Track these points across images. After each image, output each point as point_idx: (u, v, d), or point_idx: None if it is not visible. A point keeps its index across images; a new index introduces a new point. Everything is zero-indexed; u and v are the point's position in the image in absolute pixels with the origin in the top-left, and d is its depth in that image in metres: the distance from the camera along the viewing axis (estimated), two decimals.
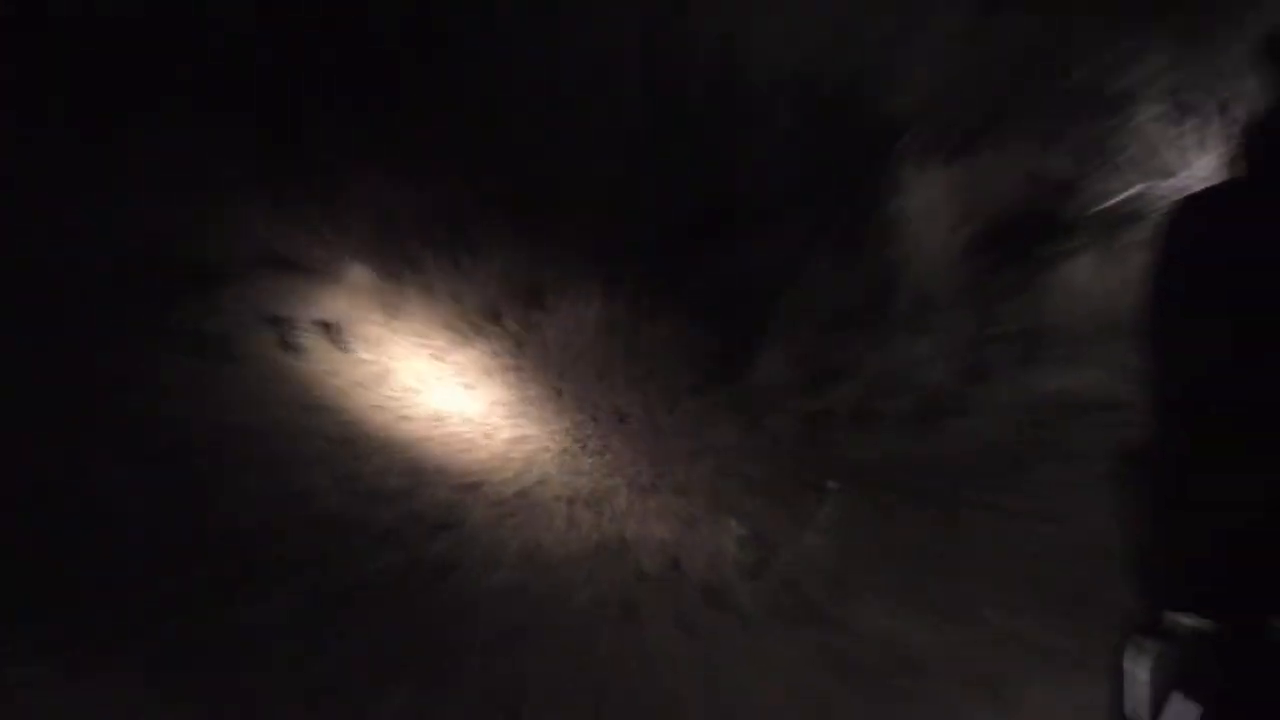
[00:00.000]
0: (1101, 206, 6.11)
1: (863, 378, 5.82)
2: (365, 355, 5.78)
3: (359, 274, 5.07)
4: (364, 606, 4.24)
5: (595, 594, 4.49)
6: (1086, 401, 5.14)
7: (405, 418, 5.38)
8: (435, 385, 5.66)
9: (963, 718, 3.65)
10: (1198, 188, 2.24)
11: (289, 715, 4.09)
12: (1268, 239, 1.64)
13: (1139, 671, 1.50)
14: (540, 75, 6.54)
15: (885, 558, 4.68)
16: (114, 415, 4.57)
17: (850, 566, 4.69)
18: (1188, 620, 1.42)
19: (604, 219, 6.76)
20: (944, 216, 6.22)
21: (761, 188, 6.87)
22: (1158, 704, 1.45)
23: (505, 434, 5.27)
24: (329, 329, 5.32)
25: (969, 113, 6.60)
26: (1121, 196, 6.14)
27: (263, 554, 4.31)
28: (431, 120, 5.84)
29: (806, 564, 4.61)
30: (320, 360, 5.70)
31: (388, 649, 4.03)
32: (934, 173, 6.36)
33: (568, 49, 6.42)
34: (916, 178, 6.45)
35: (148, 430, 4.48)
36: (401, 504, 4.86)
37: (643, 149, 7.02)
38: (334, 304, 5.11)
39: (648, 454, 5.20)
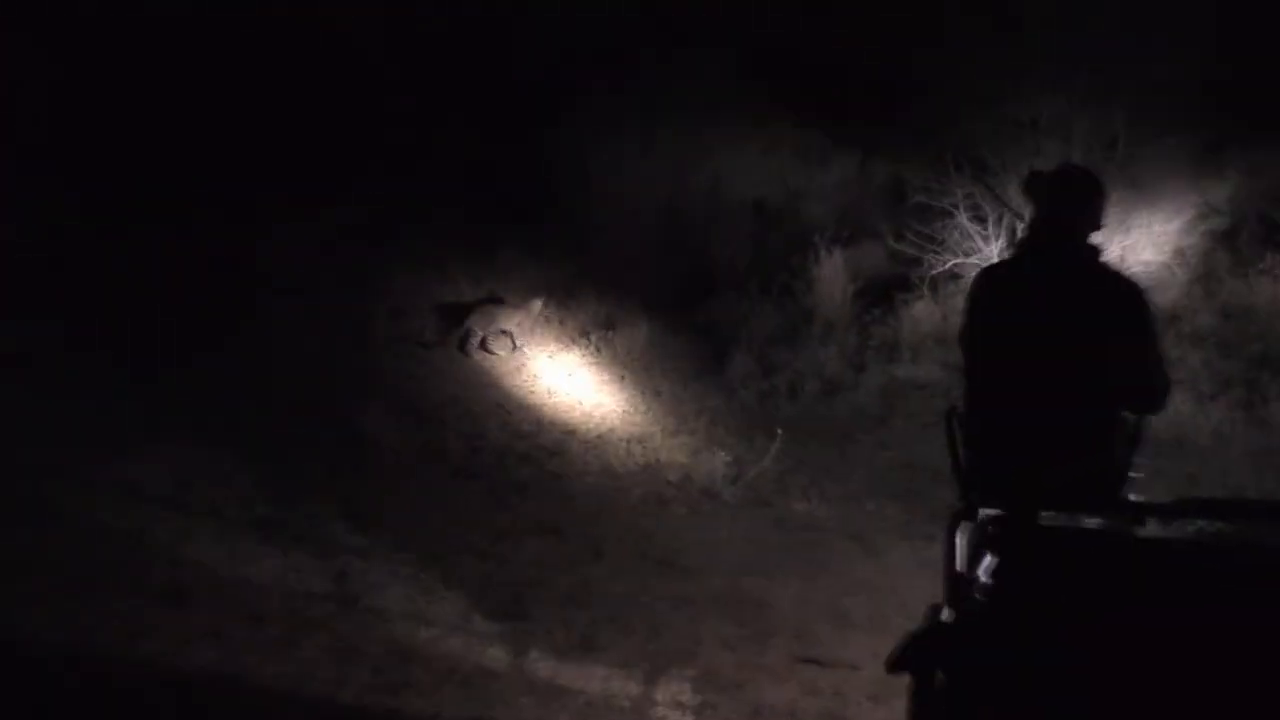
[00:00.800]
0: (934, 272, 5.80)
1: (793, 370, 5.78)
2: (508, 356, 5.73)
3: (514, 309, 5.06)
4: (510, 493, 4.26)
5: (643, 492, 4.48)
6: (923, 383, 4.76)
7: (533, 391, 5.41)
8: (549, 374, 5.65)
9: (849, 561, 3.54)
10: (989, 262, 2.59)
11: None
12: (1025, 289, 1.68)
13: (962, 541, 1.45)
14: (609, 209, 6.50)
15: (806, 472, 4.64)
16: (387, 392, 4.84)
17: (787, 477, 4.59)
18: (989, 511, 1.38)
19: (646, 283, 6.58)
20: (840, 279, 6.28)
21: (735, 264, 6.64)
22: (973, 560, 1.40)
23: (589, 403, 5.37)
24: (506, 336, 5.82)
25: (855, 219, 6.21)
26: (945, 266, 5.84)
27: (464, 464, 4.16)
28: (554, 236, 5.65)
29: (763, 476, 4.51)
30: (487, 360, 5.69)
31: (523, 519, 3.90)
32: (834, 254, 6.45)
33: (625, 198, 6.46)
34: (825, 257, 6.45)
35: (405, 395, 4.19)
36: (531, 440, 4.75)
37: (667, 244, 6.91)
38: (508, 322, 4.89)
39: (673, 413, 5.39)
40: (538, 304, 5.86)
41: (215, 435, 3.76)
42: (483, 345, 5.52)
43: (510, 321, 5.63)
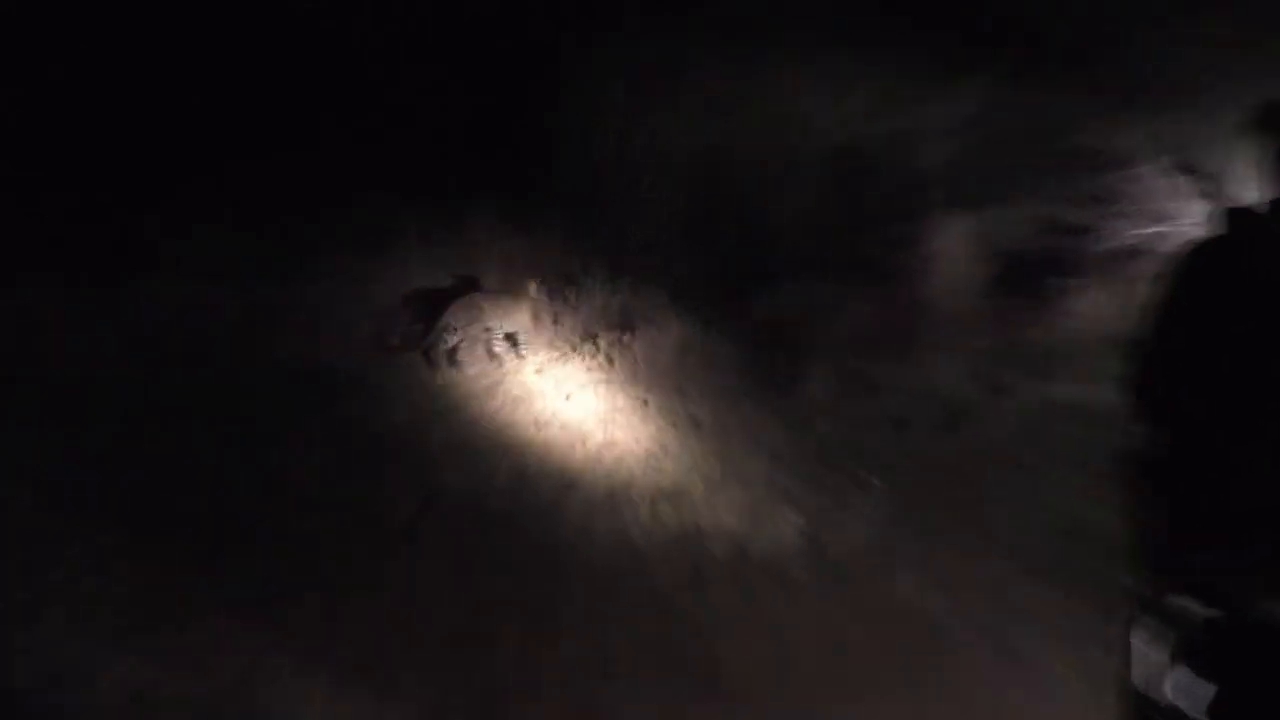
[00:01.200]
0: (1106, 247, 6.08)
1: (897, 390, 5.77)
2: (476, 369, 5.96)
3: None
4: (479, 572, 4.34)
5: (674, 572, 4.54)
6: (1088, 410, 5.14)
7: (514, 422, 5.55)
8: (538, 396, 5.80)
9: (983, 677, 3.48)
10: (1194, 233, 2.19)
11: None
12: (1259, 277, 1.64)
13: (1146, 648, 1.43)
14: (628, 163, 6.61)
15: (917, 542, 4.58)
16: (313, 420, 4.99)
17: (888, 549, 4.57)
18: (1188, 602, 1.36)
19: (679, 264, 6.64)
20: (966, 257, 6.13)
21: (809, 236, 6.60)
22: (1160, 675, 1.38)
23: (596, 439, 5.46)
24: (478, 340, 5.94)
25: (988, 170, 6.72)
26: (1124, 239, 5.72)
27: (415, 528, 4.55)
28: (550, 200, 6.78)
29: (852, 547, 4.55)
30: (452, 374, 5.88)
31: (496, 612, 4.14)
32: (957, 221, 6.17)
33: (650, 146, 6.56)
34: (943, 226, 6.21)
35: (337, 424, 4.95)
36: (512, 495, 4.80)
37: (710, 210, 6.71)
38: (479, 320, 5.08)
39: (718, 455, 5.41)
40: (527, 294, 6.04)
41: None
42: (452, 354, 5.72)
43: (485, 319, 5.83)
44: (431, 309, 6.05)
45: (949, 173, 6.20)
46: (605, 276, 6.52)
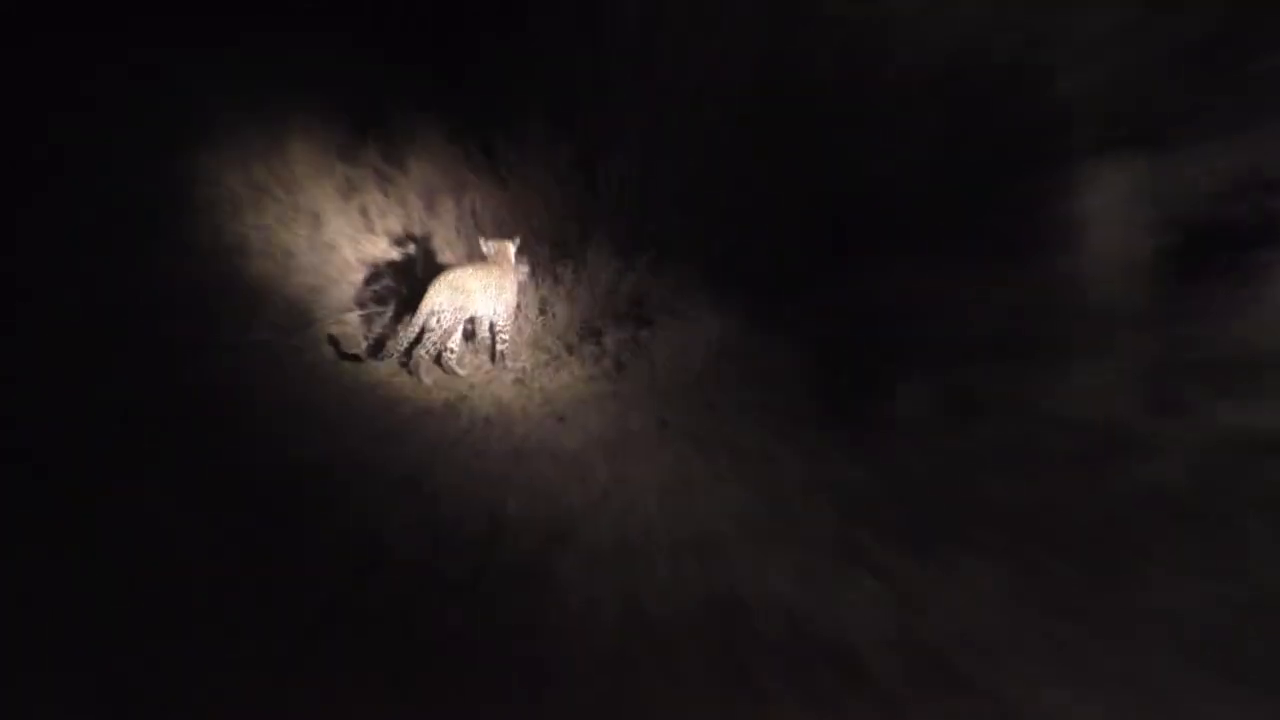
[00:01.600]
0: None
1: (1023, 410, 5.69)
2: (433, 378, 6.26)
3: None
4: (433, 666, 4.20)
5: (708, 665, 4.31)
6: None
7: (480, 454, 5.59)
8: (517, 413, 6.01)
9: None
10: None
11: None
12: None
13: None
14: (645, 85, 6.87)
15: (1046, 620, 4.49)
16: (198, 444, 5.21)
17: (1005, 631, 4.45)
18: None
19: (717, 230, 6.95)
20: (1125, 222, 6.05)
21: (901, 192, 6.76)
22: None
23: (599, 475, 5.49)
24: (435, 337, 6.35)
25: (1155, 101, 6.55)
26: None
27: (342, 604, 4.44)
28: (535, 138, 6.33)
29: (952, 627, 4.41)
30: (388, 382, 6.19)
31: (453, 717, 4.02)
32: (1114, 172, 6.15)
33: (678, 62, 6.79)
34: (1094, 178, 6.21)
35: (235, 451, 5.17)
36: (477, 551, 4.78)
37: (761, 153, 7.15)
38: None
39: (764, 494, 5.40)
40: (501, 267, 6.26)
41: None
42: (404, 357, 6.13)
43: (444, 306, 6.07)
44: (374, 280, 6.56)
45: (1099, 104, 6.12)
46: (614, 248, 6.75)
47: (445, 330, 6.06)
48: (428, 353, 6.12)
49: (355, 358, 6.07)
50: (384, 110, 7.59)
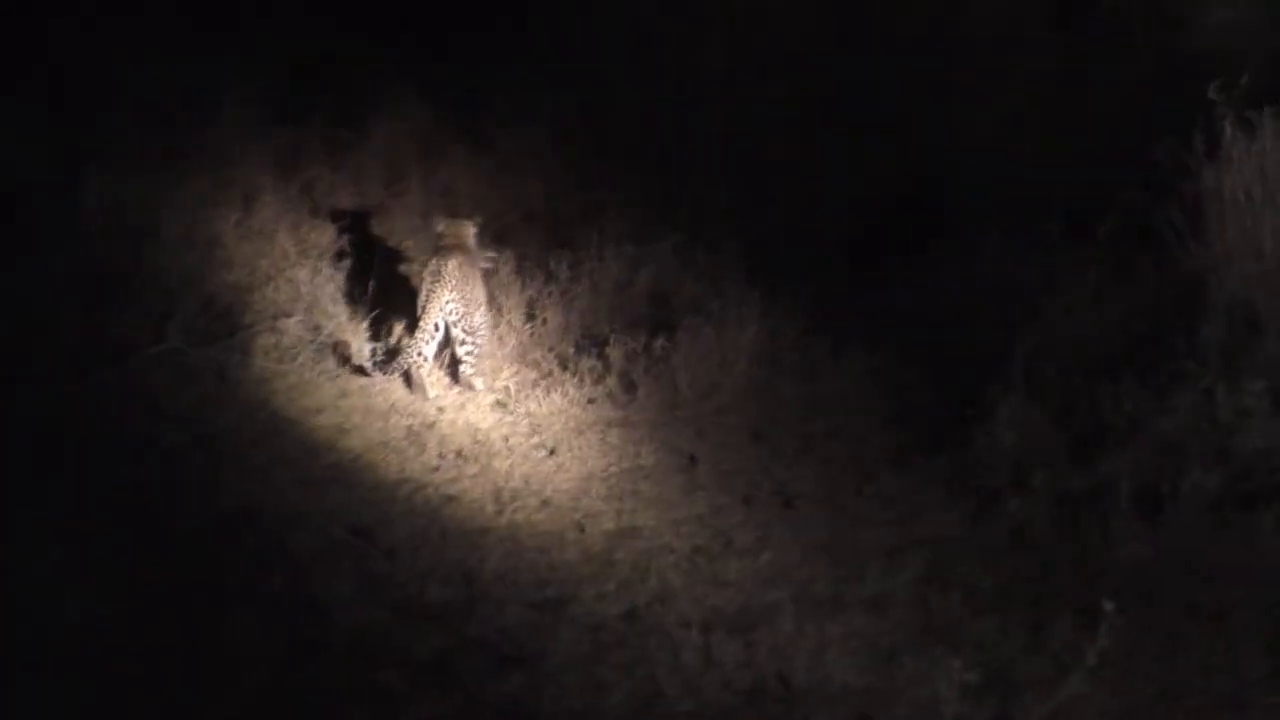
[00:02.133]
0: None
1: (1149, 437, 5.59)
2: (396, 400, 6.14)
3: None
4: None
5: None
6: None
7: (452, 497, 5.54)
8: (497, 445, 5.94)
9: None
10: None
11: None
12: None
13: None
14: (659, 26, 6.85)
15: (1186, 708, 4.38)
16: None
17: None
18: None
19: (765, 205, 6.95)
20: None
21: (1001, 160, 6.81)
22: None
23: (606, 524, 5.42)
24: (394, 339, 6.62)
25: None
26: None
27: (275, 687, 4.38)
28: (527, 91, 6.29)
29: None
30: (335, 406, 6.06)
31: None
32: (1263, 136, 6.02)
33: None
34: (1238, 144, 6.00)
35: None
36: (450, 623, 4.75)
37: (824, 104, 7.12)
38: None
39: (826, 553, 5.30)
40: (469, 253, 6.23)
41: None
42: (354, 362, 6.14)
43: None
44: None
45: (1249, 56, 6.14)
46: (626, 229, 6.70)
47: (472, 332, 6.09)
48: (440, 360, 6.18)
49: (362, 371, 6.09)
50: (336, 57, 7.64)
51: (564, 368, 6.29)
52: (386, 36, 7.73)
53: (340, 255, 6.86)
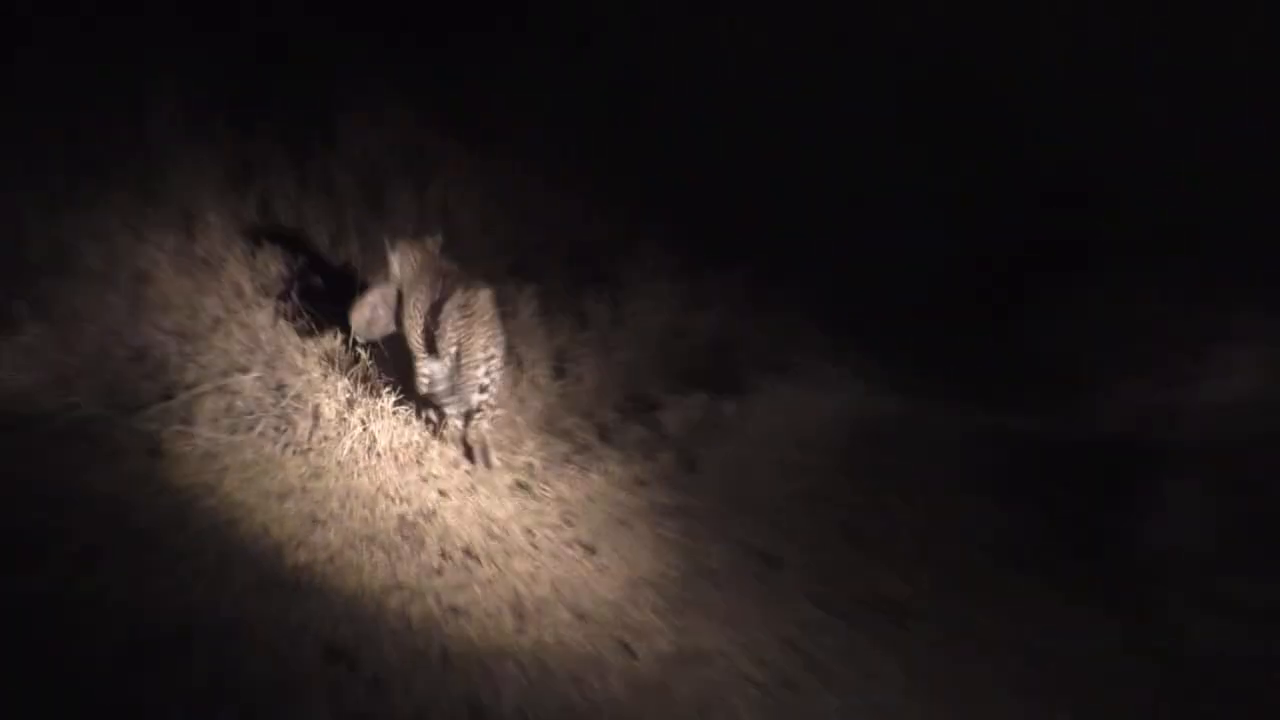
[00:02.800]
0: None
1: None
2: (384, 481, 6.08)
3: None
4: None
5: None
6: None
7: (458, 609, 5.44)
8: (520, 544, 5.88)
9: None
10: None
11: None
12: None
13: None
14: None
15: None
16: None
17: None
18: None
19: (860, 234, 7.11)
20: None
21: (1158, 176, 6.82)
22: None
23: (662, 645, 5.38)
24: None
25: None
26: None
27: None
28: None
29: None
30: (307, 490, 5.93)
31: None
32: None
33: None
34: None
35: None
36: None
37: (935, 110, 7.30)
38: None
39: (950, 691, 5.28)
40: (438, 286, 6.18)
41: None
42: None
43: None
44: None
45: None
46: (676, 261, 6.79)
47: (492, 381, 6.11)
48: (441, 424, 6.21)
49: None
50: (295, 44, 7.62)
51: (604, 439, 6.22)
52: (359, 20, 7.74)
53: (309, 292, 6.71)
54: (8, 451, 5.50)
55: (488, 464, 6.16)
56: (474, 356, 5.99)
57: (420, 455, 6.08)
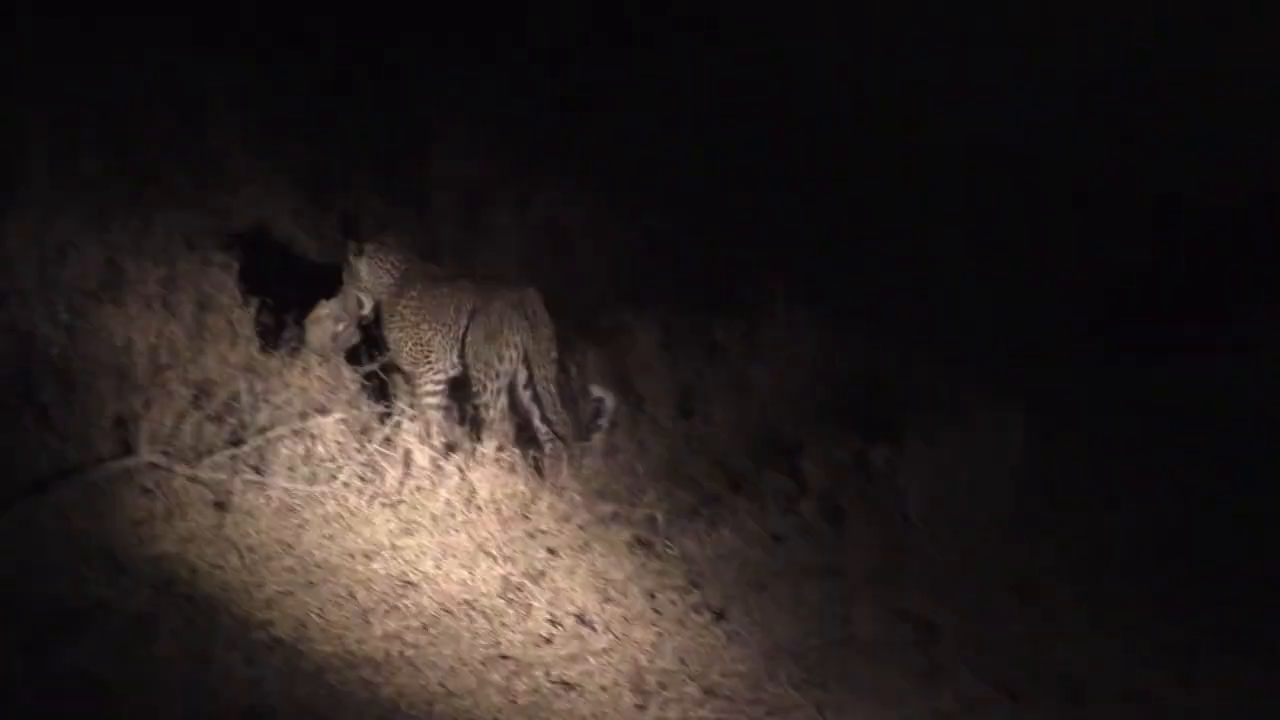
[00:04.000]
0: None
1: None
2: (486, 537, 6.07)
3: None
4: None
5: None
6: None
7: (570, 683, 5.35)
8: (640, 609, 5.81)
9: None
10: None
11: None
12: None
13: None
14: None
15: None
16: None
17: None
18: None
19: (1031, 256, 7.11)
20: None
21: None
22: None
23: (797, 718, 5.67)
24: None
25: None
26: None
27: None
28: None
29: None
30: (398, 548, 5.94)
31: None
32: None
33: None
34: None
35: None
36: None
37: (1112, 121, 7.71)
38: None
39: None
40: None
41: None
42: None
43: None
44: None
45: None
46: (819, 288, 6.67)
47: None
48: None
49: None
50: (379, 48, 7.73)
51: (736, 488, 6.15)
52: (452, 22, 7.76)
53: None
54: (53, 505, 5.49)
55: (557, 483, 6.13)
56: (545, 369, 6.01)
57: (526, 508, 6.04)
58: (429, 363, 6.13)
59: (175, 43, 7.46)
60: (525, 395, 6.07)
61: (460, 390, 6.16)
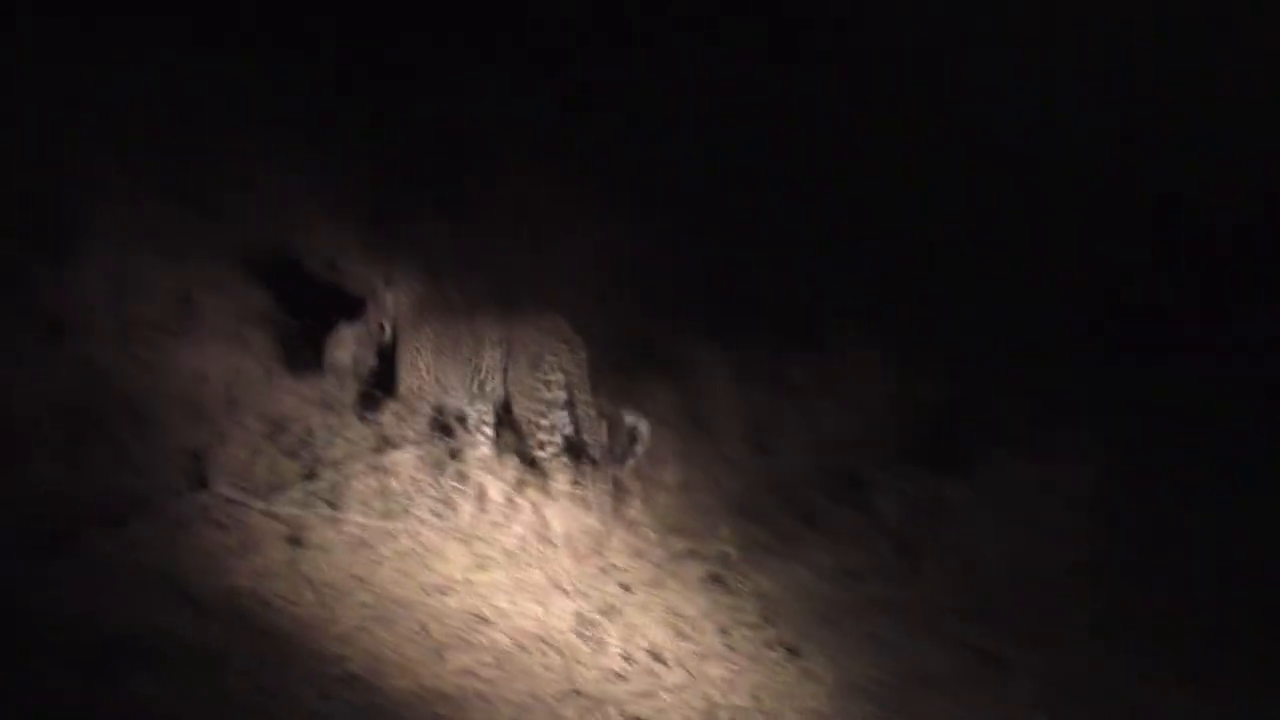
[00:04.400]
0: None
1: None
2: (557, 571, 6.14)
3: None
4: None
5: None
6: None
7: None
8: (713, 645, 5.85)
9: None
10: None
11: None
12: None
13: None
14: None
15: None
16: None
17: None
18: None
19: (1124, 282, 7.37)
20: None
21: None
22: None
23: None
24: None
25: None
26: None
27: None
28: None
29: None
30: (471, 582, 6.00)
31: None
32: None
33: None
34: None
35: None
36: None
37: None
38: None
39: None
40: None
41: None
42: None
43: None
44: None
45: None
46: (889, 316, 6.82)
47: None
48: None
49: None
50: (444, 76, 7.79)
51: (809, 524, 6.25)
52: (452, 22, 8.00)
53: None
54: (126, 538, 5.52)
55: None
56: (584, 393, 6.10)
57: (600, 543, 6.13)
58: (444, 391, 6.25)
59: (178, 43, 7.54)
60: (565, 418, 6.15)
61: (503, 424, 6.27)
